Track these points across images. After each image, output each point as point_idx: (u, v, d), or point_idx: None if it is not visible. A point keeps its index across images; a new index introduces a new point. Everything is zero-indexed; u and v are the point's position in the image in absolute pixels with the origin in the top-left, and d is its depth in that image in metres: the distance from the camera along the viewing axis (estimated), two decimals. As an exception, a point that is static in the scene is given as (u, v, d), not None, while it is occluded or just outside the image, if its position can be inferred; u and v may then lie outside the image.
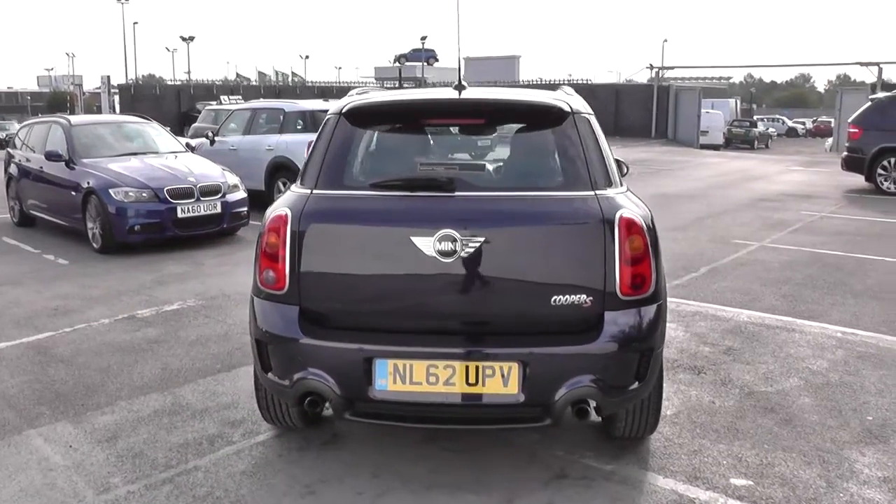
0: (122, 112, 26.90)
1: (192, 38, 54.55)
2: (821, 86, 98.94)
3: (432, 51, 56.03)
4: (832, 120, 40.53)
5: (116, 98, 30.85)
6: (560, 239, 3.00)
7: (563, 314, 2.97)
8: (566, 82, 37.39)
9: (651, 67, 35.08)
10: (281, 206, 3.12)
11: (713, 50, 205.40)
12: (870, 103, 12.51)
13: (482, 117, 3.26)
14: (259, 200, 9.58)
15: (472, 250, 2.89)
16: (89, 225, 7.91)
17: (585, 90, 34.71)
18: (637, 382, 3.06)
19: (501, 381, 2.90)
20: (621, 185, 3.21)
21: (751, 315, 5.63)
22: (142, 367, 4.62)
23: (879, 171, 11.97)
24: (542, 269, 2.97)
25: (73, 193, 8.03)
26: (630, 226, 2.99)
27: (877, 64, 21.96)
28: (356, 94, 3.56)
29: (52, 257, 7.85)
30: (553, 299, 2.95)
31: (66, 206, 8.23)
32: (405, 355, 2.92)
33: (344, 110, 3.24)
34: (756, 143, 36.40)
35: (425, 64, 54.72)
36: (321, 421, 3.73)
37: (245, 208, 8.60)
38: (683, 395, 4.13)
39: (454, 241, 2.88)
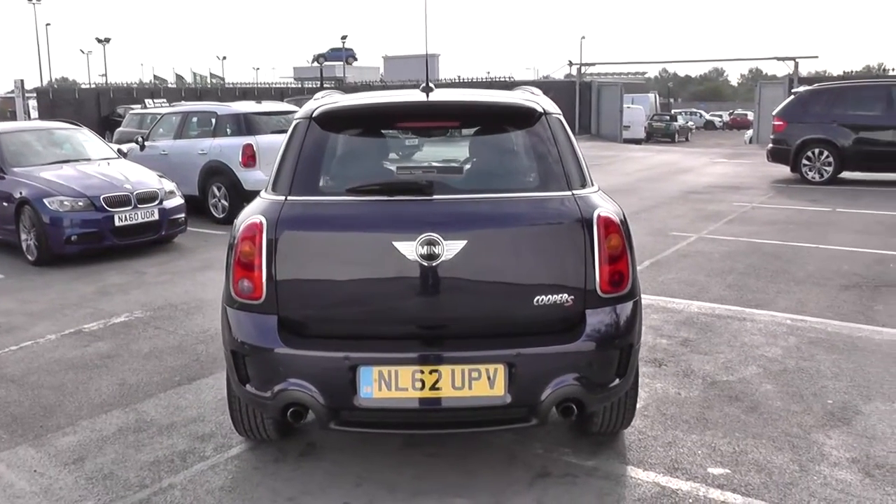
0: (41, 117, 25.69)
1: (108, 40, 52.42)
2: (734, 79, 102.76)
3: (351, 50, 55.65)
4: (748, 113, 42.27)
5: (32, 103, 29.43)
6: (540, 239, 3.02)
7: (546, 314, 3.00)
8: (486, 80, 37.63)
9: (571, 64, 35.72)
10: (254, 214, 3.04)
11: (628, 46, 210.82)
12: (793, 97, 13.07)
13: (455, 119, 3.26)
14: (193, 206, 9.34)
15: (454, 253, 2.88)
16: (23, 237, 7.53)
17: (507, 87, 35.05)
18: (618, 379, 3.11)
19: (488, 383, 2.90)
20: (593, 184, 3.25)
21: (701, 306, 5.81)
22: (98, 383, 4.43)
23: (804, 161, 12.52)
24: (523, 269, 2.98)
25: (5, 204, 7.62)
26: (608, 224, 3.04)
27: (793, 59, 22.95)
28: (322, 98, 3.50)
29: (-17, 272, 7.45)
30: (535, 299, 2.97)
31: (-1, 218, 7.82)
32: (390, 361, 2.89)
33: (314, 115, 3.18)
34: (676, 136, 37.54)
35: (346, 63, 54.31)
36: (295, 432, 3.65)
37: (183, 214, 8.35)
38: (649, 388, 4.22)
39: (436, 244, 2.86)
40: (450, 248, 2.87)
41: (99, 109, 30.75)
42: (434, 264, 2.88)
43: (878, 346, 4.90)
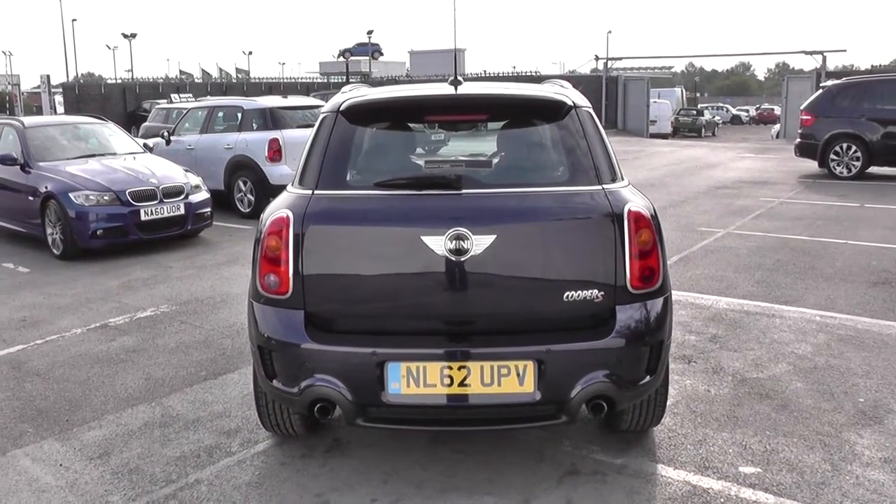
0: (67, 112, 25.96)
1: (134, 36, 52.65)
2: (760, 74, 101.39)
3: (377, 45, 55.67)
4: (774, 107, 41.72)
5: (58, 98, 29.74)
6: (570, 234, 2.97)
7: (576, 310, 2.95)
8: (512, 74, 37.34)
9: (597, 58, 35.43)
10: (281, 208, 3.02)
11: (655, 41, 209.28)
12: (821, 91, 12.86)
13: (484, 112, 3.21)
14: (219, 200, 9.38)
15: (483, 248, 2.84)
16: (49, 231, 7.61)
17: (533, 81, 34.85)
18: (648, 376, 3.06)
19: (517, 380, 2.87)
20: (623, 178, 3.20)
21: (729, 302, 5.72)
22: (123, 377, 4.45)
23: (832, 156, 12.32)
24: (553, 265, 2.94)
25: (31, 198, 7.70)
26: (638, 219, 2.98)
27: (821, 52, 22.58)
28: (349, 91, 3.47)
29: (11, 266, 7.52)
30: (565, 295, 2.93)
31: (23, 212, 7.90)
32: (418, 357, 2.86)
33: (341, 108, 3.15)
34: (703, 131, 37.15)
35: (371, 57, 54.34)
36: (321, 427, 3.64)
37: (208, 209, 8.38)
38: (679, 385, 4.16)
39: (465, 239, 2.83)
40: (479, 243, 2.83)
41: (125, 104, 31.03)
42: (463, 259, 2.84)
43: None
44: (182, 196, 7.96)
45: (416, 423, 2.96)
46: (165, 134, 10.70)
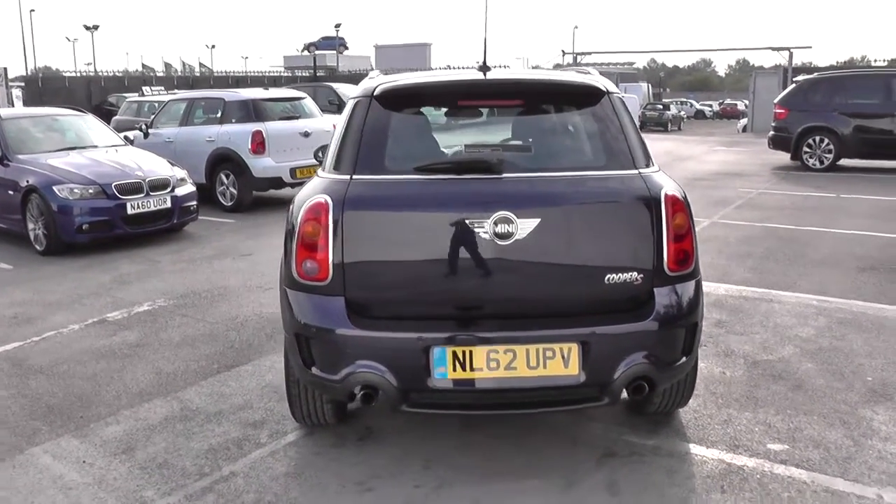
0: (27, 106, 25.19)
1: (96, 27, 51.09)
2: (721, 70, 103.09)
3: (342, 38, 55.32)
4: (737, 102, 42.49)
5: (15, 92, 28.85)
6: (610, 217, 3.00)
7: (616, 293, 2.98)
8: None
9: (564, 53, 35.69)
10: (318, 194, 2.98)
11: (618, 37, 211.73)
12: (794, 86, 13.15)
13: (519, 98, 3.21)
14: (200, 194, 9.22)
15: (527, 232, 2.85)
16: (30, 226, 7.38)
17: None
18: (684, 357, 3.10)
19: (562, 362, 2.88)
20: (654, 163, 3.23)
21: (728, 288, 5.82)
22: (132, 372, 4.35)
23: (805, 148, 12.62)
24: (595, 248, 2.96)
25: (11, 193, 7.46)
26: (674, 203, 3.02)
27: (787, 49, 23.09)
28: (376, 77, 3.44)
29: (-10, 263, 7.30)
30: (606, 278, 2.95)
31: (2, 207, 7.65)
32: (464, 342, 2.86)
33: (375, 93, 3.12)
34: (669, 125, 37.62)
35: (336, 52, 53.98)
36: (350, 416, 3.61)
37: (194, 202, 8.23)
38: (693, 368, 4.22)
39: (510, 223, 2.83)
40: (523, 227, 2.84)
41: (90, 98, 30.20)
42: (507, 243, 2.84)
43: (905, 325, 4.94)
44: (168, 189, 7.80)
45: (461, 407, 2.95)
46: (143, 127, 10.47)
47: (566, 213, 2.94)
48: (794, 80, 13.42)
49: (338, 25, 50.12)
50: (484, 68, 3.33)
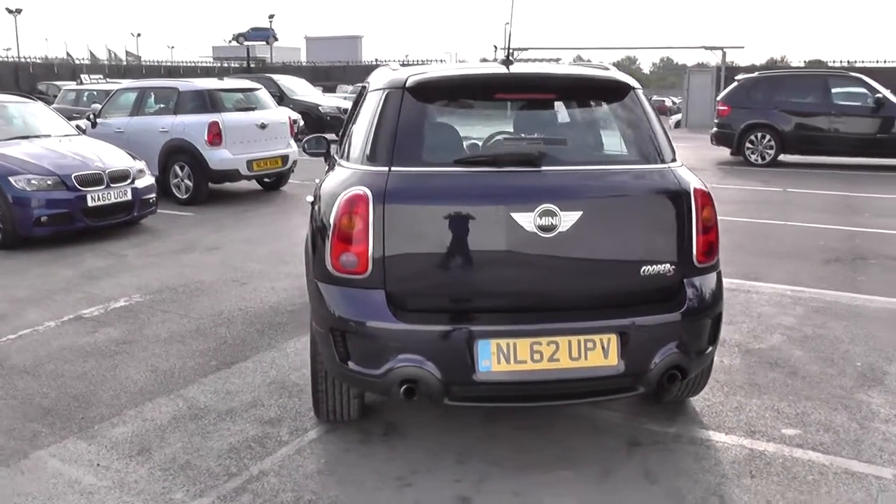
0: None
1: (19, 11, 47.53)
2: (646, 68, 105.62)
3: (272, 29, 54.26)
4: (665, 99, 43.69)
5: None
6: (646, 210, 3.05)
7: (651, 284, 3.04)
8: (403, 63, 37.25)
9: (496, 49, 35.84)
10: (354, 186, 2.92)
11: (548, 33, 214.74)
12: (736, 84, 13.63)
13: (551, 91, 3.22)
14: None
15: (570, 225, 2.87)
16: (-16, 219, 6.98)
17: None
18: (710, 346, 3.20)
19: (602, 353, 2.92)
20: (677, 158, 3.30)
21: (704, 279, 5.99)
22: (126, 370, 4.17)
23: (748, 144, 13.11)
24: (632, 240, 3.01)
25: (-40, 184, 7.03)
26: (703, 196, 3.11)
27: (720, 48, 23.89)
28: (400, 69, 3.40)
29: (-60, 258, 6.86)
30: (642, 270, 3.01)
31: (-49, 199, 7.19)
32: (508, 334, 2.86)
33: (407, 85, 3.08)
34: (601, 121, 38.38)
35: (266, 43, 52.93)
36: (370, 412, 3.55)
37: (154, 195, 7.95)
38: (692, 357, 4.33)
39: (554, 215, 2.85)
40: (566, 220, 2.86)
41: (17, 85, 28.55)
42: (550, 236, 2.86)
43: (876, 312, 5.20)
44: (128, 181, 7.50)
45: (504, 400, 2.95)
46: (91, 116, 10.02)
47: (606, 207, 2.97)
48: (736, 78, 13.90)
49: (272, 16, 49.17)
50: (507, 62, 3.33)
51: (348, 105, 21.17)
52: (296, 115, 14.73)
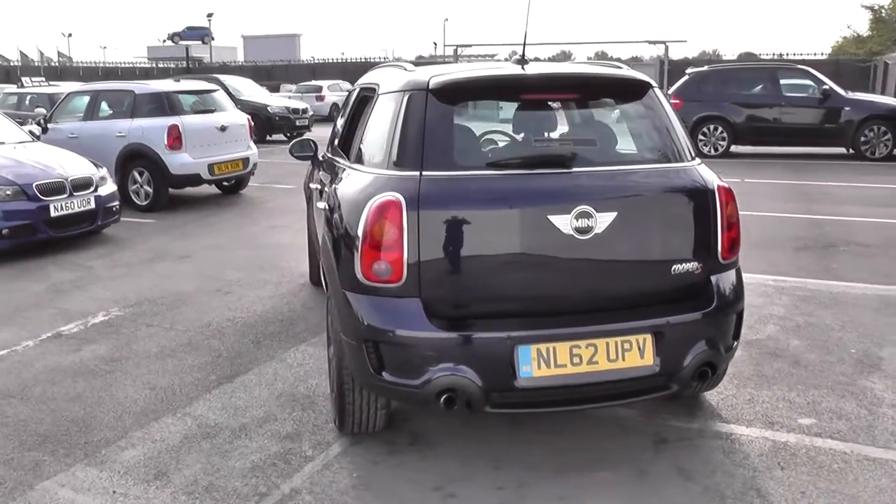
0: None
1: None
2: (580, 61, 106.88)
3: (207, 28, 53.02)
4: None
5: None
6: (675, 209, 3.06)
7: (680, 282, 3.05)
8: (341, 61, 36.58)
9: (436, 45, 35.87)
10: (384, 192, 2.84)
11: (488, 29, 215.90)
12: (687, 77, 13.93)
13: (577, 91, 3.20)
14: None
15: (605, 226, 2.85)
16: (-62, 233, 6.58)
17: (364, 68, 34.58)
18: (735, 341, 3.23)
19: (638, 353, 2.91)
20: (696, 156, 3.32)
21: (687, 272, 6.08)
22: (122, 390, 3.98)
23: (700, 137, 13.41)
24: (663, 239, 3.01)
25: (-87, 196, 6.61)
26: (727, 193, 3.14)
27: (663, 42, 24.45)
28: (417, 70, 3.33)
29: None
30: (673, 268, 3.02)
31: None
32: (548, 338, 2.83)
33: (431, 87, 3.00)
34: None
35: (202, 42, 51.69)
36: (392, 422, 3.47)
37: (117, 202, 7.64)
38: (694, 351, 4.38)
39: (590, 217, 2.82)
40: (602, 221, 2.84)
41: (-56, 88, 27.13)
42: (587, 237, 2.83)
43: (857, 299, 5.36)
44: (91, 189, 7.18)
45: (544, 405, 2.91)
46: (42, 121, 9.57)
47: (639, 207, 2.97)
48: (686, 72, 14.22)
49: (210, 15, 47.90)
50: (522, 62, 3.29)
51: (297, 105, 21.06)
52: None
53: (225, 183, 10.35)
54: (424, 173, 2.85)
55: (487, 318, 2.86)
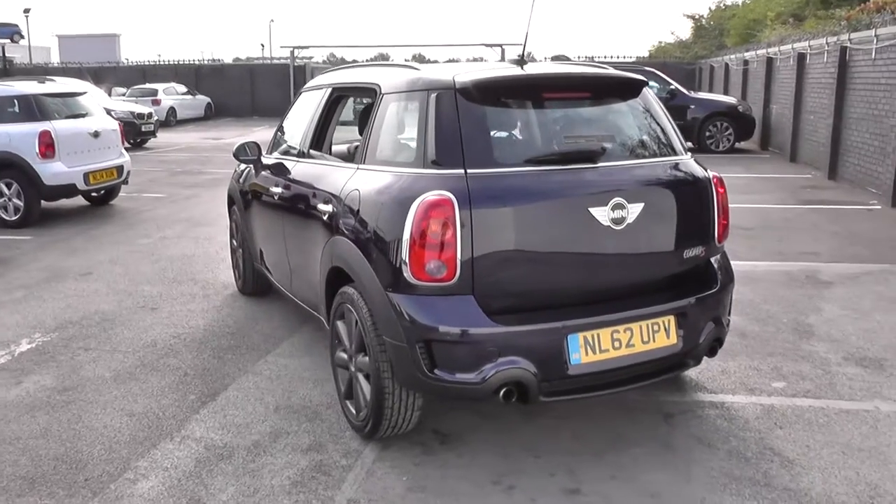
0: None
1: None
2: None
3: (16, 26, 48.31)
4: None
5: None
6: (686, 198, 3.29)
7: (689, 265, 3.31)
8: (159, 63, 34.65)
9: (263, 47, 35.04)
10: (432, 190, 2.83)
11: (314, 31, 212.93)
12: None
13: (588, 90, 3.34)
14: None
15: (635, 216, 3.03)
16: None
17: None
18: (729, 317, 3.54)
19: (665, 334, 3.13)
20: None
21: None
22: (95, 420, 3.64)
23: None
24: (678, 226, 3.23)
25: None
26: (720, 182, 3.43)
27: (500, 45, 25.31)
28: (435, 68, 3.35)
29: None
30: (685, 253, 3.26)
31: None
32: (593, 326, 2.96)
33: (458, 86, 3.03)
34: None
35: (11, 41, 47.00)
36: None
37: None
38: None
39: (623, 208, 2.99)
40: (633, 212, 3.01)
41: None
42: (621, 227, 2.99)
43: (765, 275, 6.01)
44: (-32, 204, 6.41)
45: (590, 389, 3.03)
46: None
47: (661, 197, 3.17)
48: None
49: (27, 11, 43.58)
50: (521, 62, 3.40)
51: (142, 109, 19.77)
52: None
53: (94, 194, 9.59)
54: (470, 171, 2.88)
55: (539, 310, 2.95)
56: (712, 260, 3.45)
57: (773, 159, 14.71)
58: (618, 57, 28.98)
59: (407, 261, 2.85)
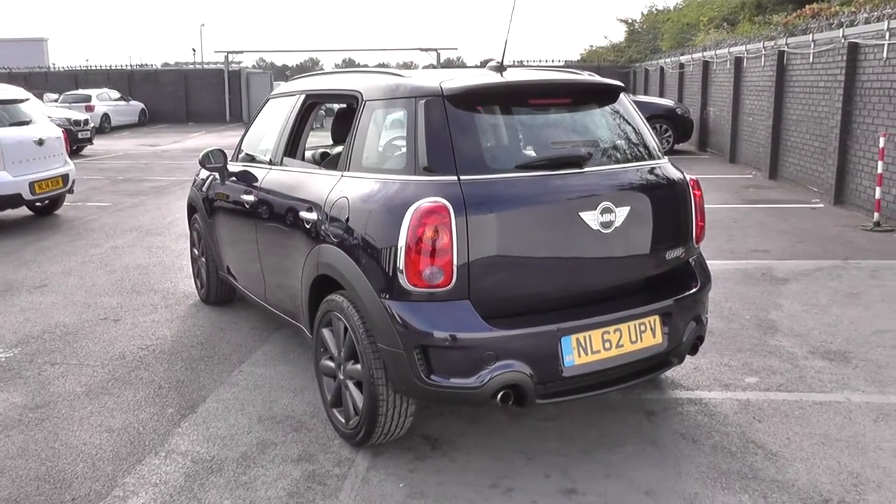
0: None
1: None
2: (328, 68, 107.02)
3: None
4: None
5: None
6: (668, 201, 3.38)
7: (670, 265, 3.41)
8: (91, 69, 33.67)
9: (194, 51, 34.46)
10: (427, 197, 2.85)
11: (246, 35, 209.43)
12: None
13: (569, 97, 3.40)
14: None
15: (622, 220, 3.10)
16: None
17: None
18: (706, 315, 3.65)
19: (651, 334, 3.21)
20: None
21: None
22: (74, 437, 3.53)
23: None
24: (661, 228, 3.32)
25: None
26: (697, 185, 3.54)
27: (435, 49, 25.53)
28: (416, 74, 3.36)
29: None
30: (667, 254, 3.35)
31: None
32: (584, 327, 3.02)
33: (445, 93, 3.06)
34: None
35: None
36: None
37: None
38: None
39: (611, 212, 3.06)
40: (619, 215, 3.09)
41: None
42: (609, 231, 3.07)
43: (722, 273, 6.15)
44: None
45: (583, 390, 3.08)
46: None
47: (645, 200, 3.25)
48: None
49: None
50: (500, 69, 3.45)
51: (78, 116, 19.14)
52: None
53: (39, 204, 9.27)
54: (462, 177, 2.91)
55: (533, 314, 2.99)
56: (691, 260, 3.56)
57: (712, 160, 15.18)
58: (549, 60, 29.32)
59: (402, 267, 2.85)
